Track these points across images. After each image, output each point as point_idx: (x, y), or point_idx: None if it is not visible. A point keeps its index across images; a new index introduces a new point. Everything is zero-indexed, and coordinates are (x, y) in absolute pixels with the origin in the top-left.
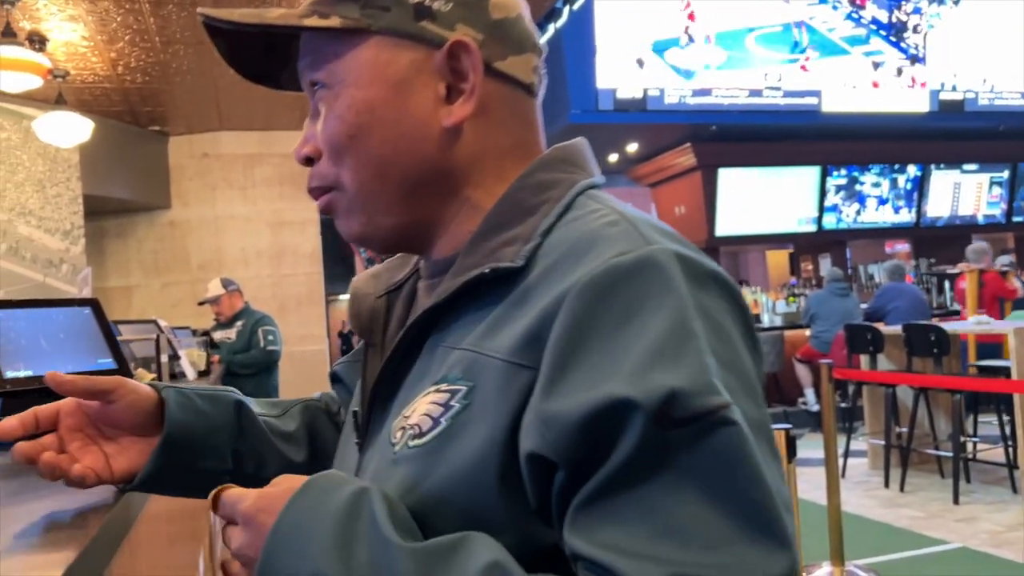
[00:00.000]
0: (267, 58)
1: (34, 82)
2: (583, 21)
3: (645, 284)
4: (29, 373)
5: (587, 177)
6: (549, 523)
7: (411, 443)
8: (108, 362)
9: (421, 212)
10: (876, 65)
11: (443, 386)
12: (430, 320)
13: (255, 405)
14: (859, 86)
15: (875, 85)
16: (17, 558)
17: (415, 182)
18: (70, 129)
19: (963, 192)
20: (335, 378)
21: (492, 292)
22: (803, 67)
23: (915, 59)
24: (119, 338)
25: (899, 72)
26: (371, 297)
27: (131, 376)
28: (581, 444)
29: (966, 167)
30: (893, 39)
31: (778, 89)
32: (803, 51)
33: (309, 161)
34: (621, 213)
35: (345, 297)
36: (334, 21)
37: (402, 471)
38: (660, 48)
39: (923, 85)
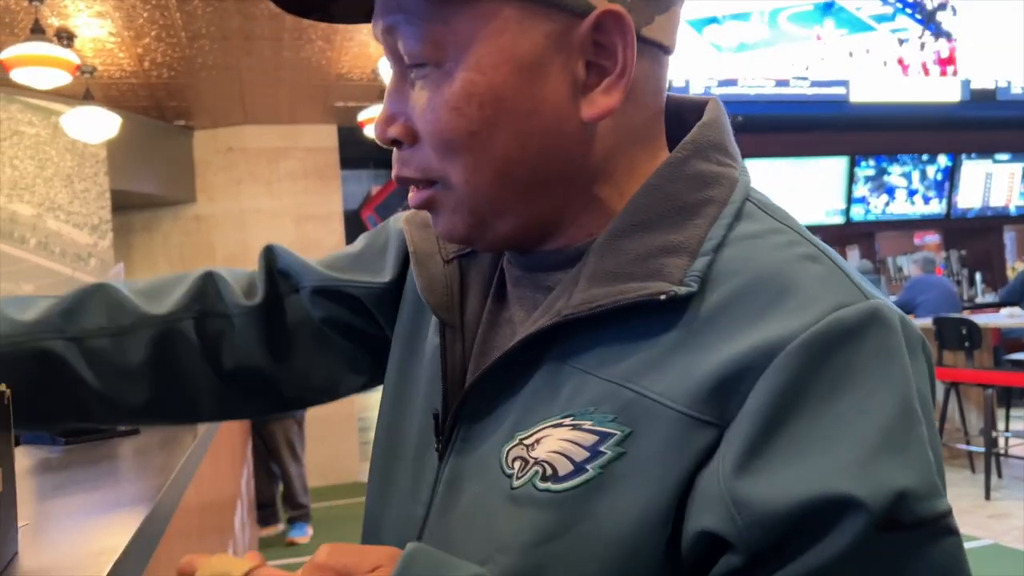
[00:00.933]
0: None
1: (63, 78)
2: None
3: (873, 350)
4: None
5: (740, 169)
6: None
7: (540, 484)
8: None
9: (540, 215)
10: (901, 41)
11: (585, 423)
12: (554, 329)
13: (88, 312)
14: (886, 63)
15: (900, 62)
16: (68, 549)
17: (541, 183)
18: (98, 125)
19: (995, 183)
20: (321, 294)
21: (648, 310)
22: (818, 36)
23: (939, 34)
24: None
25: (922, 47)
26: (437, 259)
27: None
28: (779, 537)
29: (998, 157)
30: (919, 17)
31: (805, 79)
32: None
33: (396, 143)
34: (813, 243)
35: None
36: None
37: (530, 517)
38: (699, 25)
39: (946, 62)
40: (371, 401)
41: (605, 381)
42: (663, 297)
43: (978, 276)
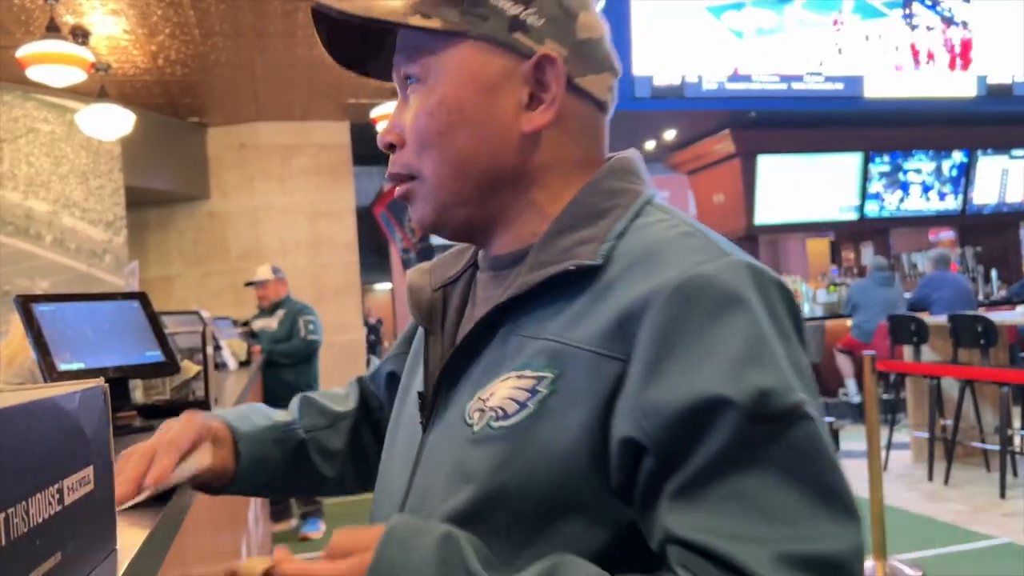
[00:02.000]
0: (361, 47)
1: (78, 76)
2: (619, 6)
3: (728, 291)
4: (81, 365)
5: (648, 188)
6: (626, 502)
7: (494, 424)
8: (156, 355)
9: (491, 208)
10: (913, 27)
11: (526, 372)
12: (503, 310)
13: (311, 410)
14: (898, 47)
15: (912, 48)
16: None
17: (491, 180)
18: (112, 122)
19: (1011, 178)
20: (393, 377)
21: (569, 287)
22: (835, 22)
23: (950, 21)
24: (165, 331)
25: (929, 28)
26: (428, 290)
27: (178, 370)
28: (677, 434)
29: (1015, 152)
30: (929, 3)
31: (819, 74)
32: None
33: (391, 147)
34: (692, 225)
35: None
36: (436, 22)
37: (487, 450)
38: (717, 11)
39: (955, 50)
40: None
41: (540, 339)
42: (573, 266)
43: (994, 273)
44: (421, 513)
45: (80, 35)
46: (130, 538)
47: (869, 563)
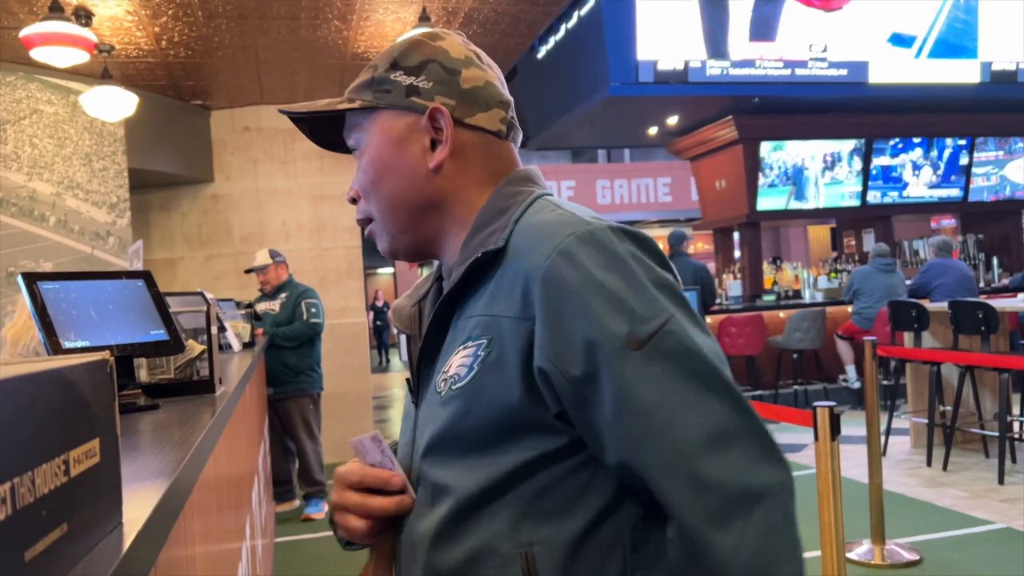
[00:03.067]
0: (336, 131)
1: (81, 57)
2: None
3: (595, 252)
4: (85, 343)
5: (542, 189)
6: (567, 423)
7: (454, 387)
8: (160, 334)
9: (427, 230)
10: None
11: (468, 343)
12: (450, 303)
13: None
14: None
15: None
16: None
17: (418, 208)
18: (116, 103)
19: (1013, 165)
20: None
21: (488, 271)
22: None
23: None
24: (169, 310)
25: None
26: (408, 308)
27: (183, 349)
28: (580, 379)
29: (1017, 139)
30: None
31: (823, 60)
32: None
33: (354, 201)
34: (569, 209)
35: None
36: (358, 103)
37: (451, 407)
38: None
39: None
40: (385, 381)
41: (475, 317)
42: (480, 253)
43: (995, 260)
44: (415, 459)
45: (83, 16)
46: (136, 511)
47: (867, 546)
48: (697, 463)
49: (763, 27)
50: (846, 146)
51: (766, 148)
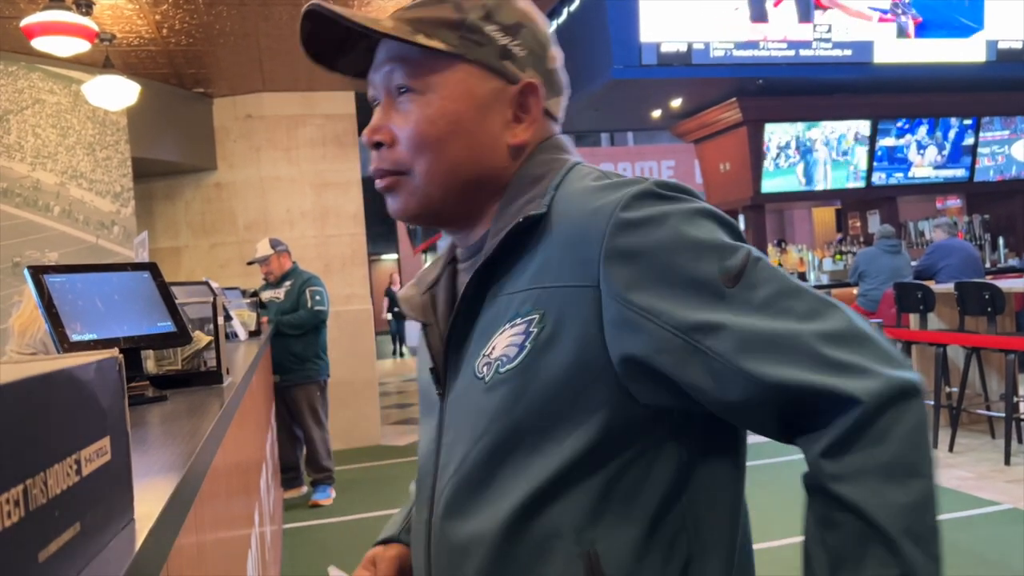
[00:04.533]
0: (336, 47)
1: (82, 46)
2: None
3: (654, 203)
4: (93, 336)
5: (576, 158)
6: (634, 400)
7: (502, 370)
8: (167, 325)
9: (468, 206)
10: None
11: (517, 320)
12: (485, 276)
13: None
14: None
15: None
16: None
17: (476, 183)
18: (118, 92)
19: (1019, 145)
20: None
21: (529, 241)
22: None
23: None
24: (176, 301)
25: None
26: (417, 296)
27: (190, 340)
28: (686, 323)
29: (1023, 120)
30: None
31: (827, 40)
32: None
33: (377, 146)
34: (605, 174)
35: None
36: (439, 43)
37: (500, 392)
38: None
39: None
40: (392, 368)
41: (521, 291)
42: (522, 218)
43: (1001, 240)
44: (450, 467)
45: (84, 5)
46: (148, 507)
47: None
48: (837, 355)
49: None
50: (851, 127)
51: (770, 129)
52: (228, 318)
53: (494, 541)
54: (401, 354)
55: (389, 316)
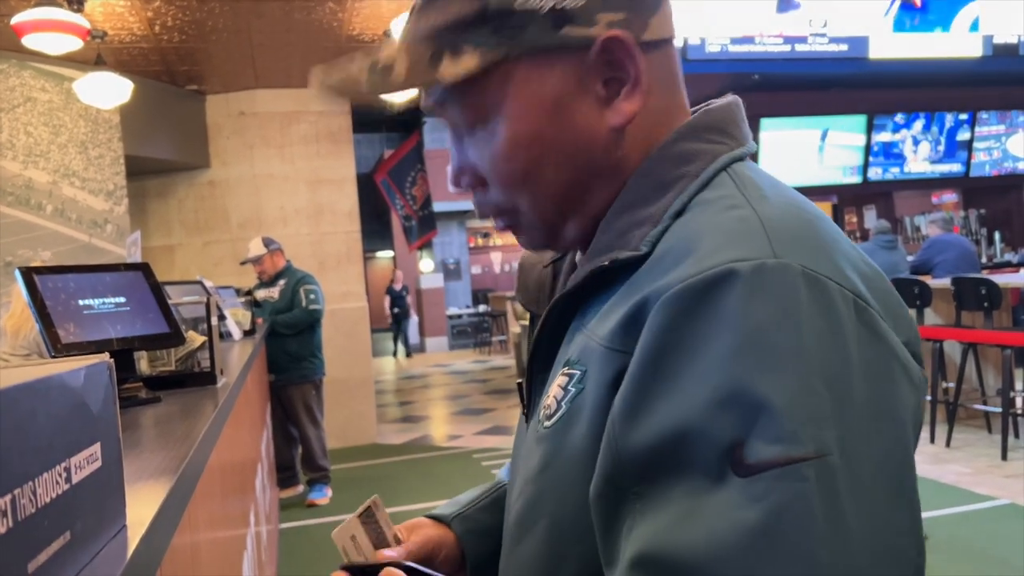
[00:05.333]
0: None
1: (74, 43)
2: None
3: (762, 293)
4: (85, 338)
5: (736, 147)
6: None
7: (546, 424)
8: (160, 326)
9: (597, 206)
10: None
11: (566, 369)
12: (569, 301)
13: None
14: None
15: None
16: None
17: (594, 189)
18: (110, 90)
19: (1015, 140)
20: None
21: (619, 276)
22: None
23: None
24: (169, 301)
25: None
26: (538, 267)
27: (183, 341)
28: (635, 462)
29: (1019, 113)
30: None
31: (823, 35)
32: None
33: (467, 186)
34: (758, 204)
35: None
36: (469, 62)
37: (540, 450)
38: None
39: None
40: (387, 366)
41: (582, 333)
42: (607, 262)
43: (997, 235)
44: (512, 494)
45: (75, 2)
46: (140, 513)
47: None
48: None
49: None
50: (846, 122)
51: (766, 124)
52: (222, 318)
53: None
54: (395, 354)
55: (391, 317)
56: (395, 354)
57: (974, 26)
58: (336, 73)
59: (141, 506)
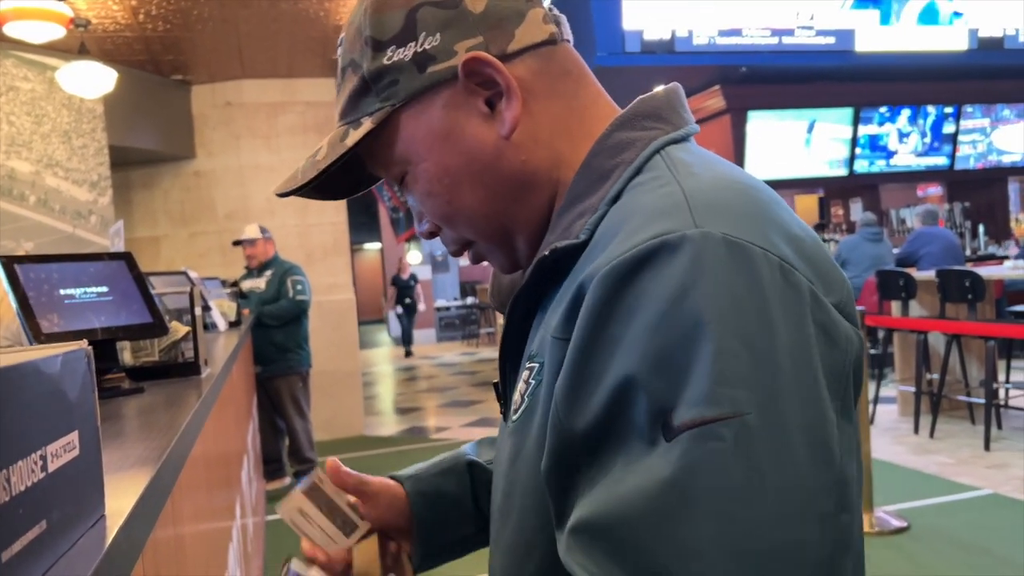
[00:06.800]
0: (351, 172)
1: (56, 32)
2: None
3: (686, 262)
4: (68, 327)
5: (672, 131)
6: None
7: (513, 418)
8: (143, 316)
9: (536, 215)
10: None
11: (528, 363)
12: (530, 297)
13: (481, 448)
14: None
15: None
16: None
17: (518, 200)
18: (94, 79)
19: (999, 133)
20: None
21: (566, 266)
22: None
23: None
24: (152, 291)
25: None
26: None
27: (167, 331)
28: (579, 431)
29: (1004, 107)
30: None
31: (810, 28)
32: None
33: (433, 234)
34: (683, 179)
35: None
36: (367, 125)
37: (510, 443)
38: None
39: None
40: (374, 357)
41: (543, 328)
42: (547, 253)
43: (981, 228)
44: (493, 505)
45: None
46: (120, 503)
47: None
48: None
49: None
50: (833, 115)
51: (753, 117)
52: (206, 308)
53: None
54: (408, 354)
55: (400, 310)
56: (408, 354)
57: (951, 19)
58: (286, 182)
59: (121, 496)
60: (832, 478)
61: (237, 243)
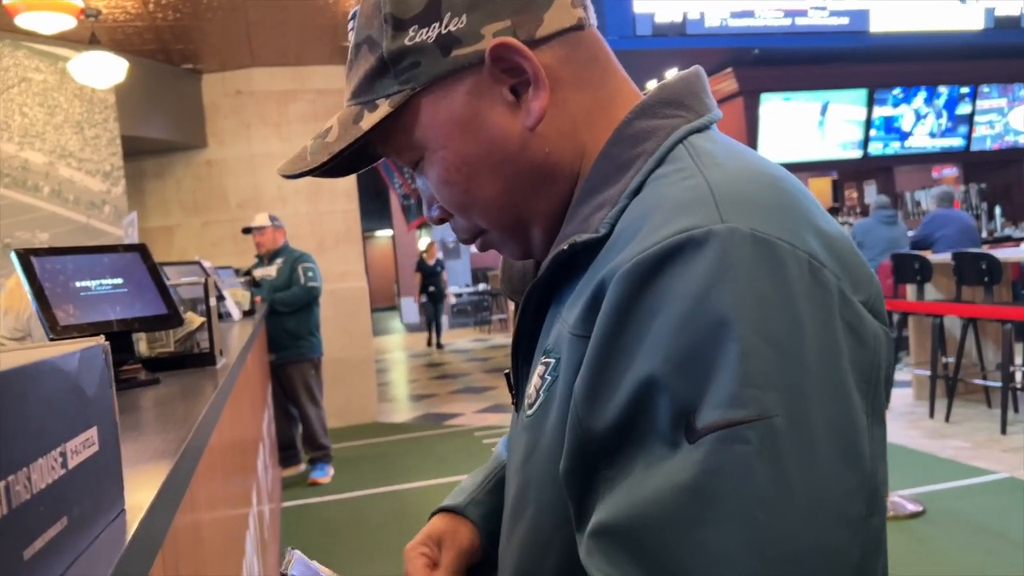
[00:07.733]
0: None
1: (67, 22)
2: None
3: (712, 260)
4: (84, 319)
5: (694, 119)
6: None
7: (528, 413)
8: (159, 307)
9: (555, 208)
10: None
11: (544, 357)
12: (545, 289)
13: None
14: None
15: None
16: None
17: (537, 191)
18: (105, 69)
19: (1016, 113)
20: None
21: (585, 261)
22: None
23: None
24: (167, 282)
25: None
26: (519, 263)
27: (182, 322)
28: (599, 430)
29: (1020, 87)
30: None
31: (824, 8)
32: None
33: (443, 220)
34: (708, 171)
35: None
36: (384, 108)
37: (524, 439)
38: None
39: None
40: (387, 344)
41: (559, 322)
42: (566, 247)
43: (997, 210)
44: (507, 501)
45: None
46: (140, 496)
47: None
48: None
49: None
50: (847, 96)
51: (766, 99)
52: (221, 298)
53: None
54: (429, 343)
55: (424, 299)
56: (429, 343)
57: None
58: (293, 162)
59: (140, 489)
60: (862, 481)
61: (247, 231)
